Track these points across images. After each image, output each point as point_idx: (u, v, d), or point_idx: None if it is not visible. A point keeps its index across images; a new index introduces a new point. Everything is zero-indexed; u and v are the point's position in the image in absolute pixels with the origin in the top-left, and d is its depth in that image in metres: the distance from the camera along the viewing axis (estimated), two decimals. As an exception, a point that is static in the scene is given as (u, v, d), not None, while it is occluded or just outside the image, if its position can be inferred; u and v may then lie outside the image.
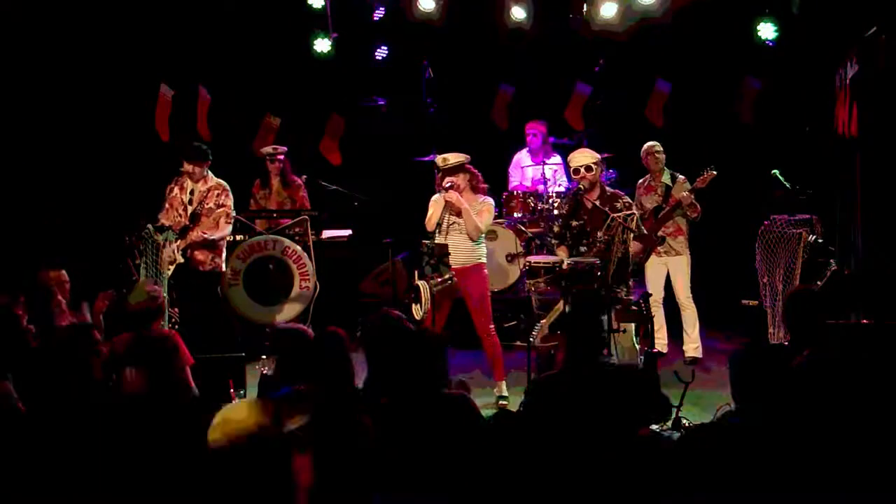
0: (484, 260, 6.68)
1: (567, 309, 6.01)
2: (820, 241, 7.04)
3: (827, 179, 8.17)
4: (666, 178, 7.55)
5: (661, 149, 7.61)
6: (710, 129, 8.59)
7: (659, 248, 7.50)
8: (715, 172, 7.27)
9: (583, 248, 6.45)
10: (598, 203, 6.38)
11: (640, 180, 7.71)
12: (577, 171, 6.47)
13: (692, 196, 7.30)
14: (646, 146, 7.64)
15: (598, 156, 6.61)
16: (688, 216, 7.45)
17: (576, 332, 4.45)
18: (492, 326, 6.66)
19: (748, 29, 8.32)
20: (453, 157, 6.56)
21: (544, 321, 6.34)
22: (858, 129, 7.74)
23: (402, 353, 4.00)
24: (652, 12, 8.37)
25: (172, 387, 4.94)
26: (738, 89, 8.98)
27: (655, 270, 7.58)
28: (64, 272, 5.94)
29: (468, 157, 6.61)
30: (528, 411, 4.27)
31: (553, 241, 6.81)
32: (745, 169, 8.20)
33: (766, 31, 8.25)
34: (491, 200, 6.66)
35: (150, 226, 7.16)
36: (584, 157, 6.53)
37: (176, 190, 7.30)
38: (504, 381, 6.64)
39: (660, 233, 7.48)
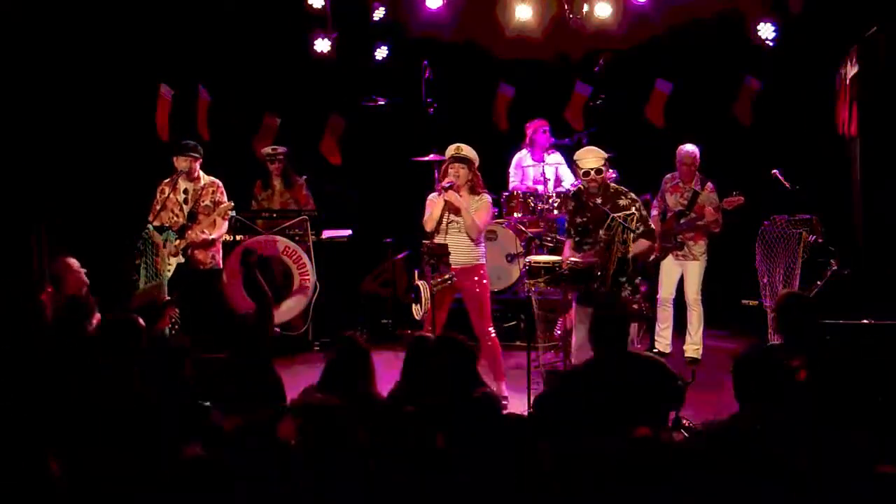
0: (484, 260, 6.67)
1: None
2: (820, 241, 7.04)
3: (827, 179, 8.18)
4: (696, 184, 7.51)
5: (693, 159, 7.47)
6: (711, 129, 8.57)
7: (677, 251, 7.51)
8: (743, 199, 7.24)
9: (586, 247, 6.43)
10: (599, 202, 6.36)
11: (669, 175, 7.63)
12: (587, 173, 6.41)
13: (717, 214, 7.28)
14: (681, 153, 7.51)
15: (605, 154, 6.53)
16: (710, 229, 7.43)
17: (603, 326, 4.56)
18: (491, 328, 6.65)
19: (748, 29, 8.32)
20: (467, 150, 6.56)
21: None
22: (858, 129, 7.75)
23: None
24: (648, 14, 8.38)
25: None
26: (738, 90, 8.96)
27: (670, 270, 7.57)
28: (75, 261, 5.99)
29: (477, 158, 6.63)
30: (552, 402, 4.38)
31: (563, 237, 6.77)
32: (746, 169, 8.20)
33: (766, 31, 8.24)
34: (489, 197, 6.65)
35: (150, 226, 7.18)
36: (593, 159, 6.44)
37: (168, 191, 7.31)
38: (504, 382, 6.63)
39: (679, 238, 7.47)
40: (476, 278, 6.55)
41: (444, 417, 3.93)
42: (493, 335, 6.62)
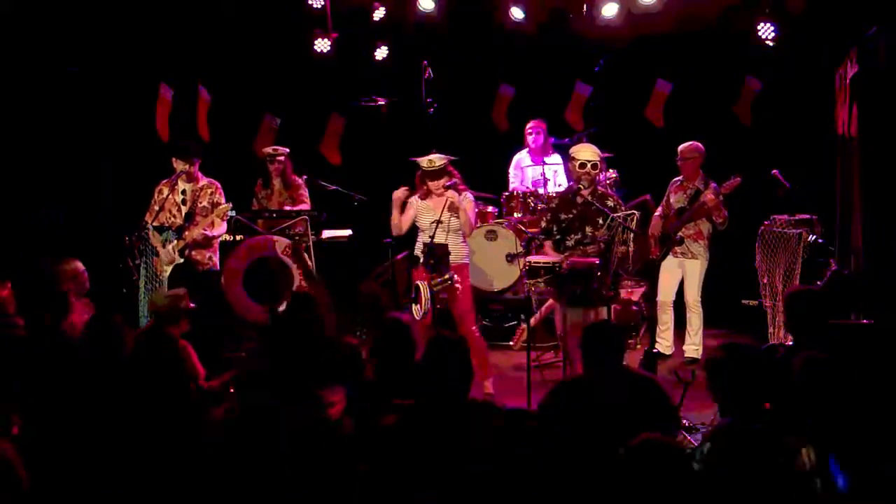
0: (468, 259, 6.69)
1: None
2: (820, 241, 7.03)
3: (827, 179, 8.18)
4: (699, 182, 7.50)
5: (694, 154, 7.48)
6: (711, 129, 8.58)
7: (677, 248, 7.47)
8: (739, 179, 7.22)
9: (569, 243, 6.41)
10: (589, 198, 6.36)
11: (675, 178, 7.66)
12: (583, 165, 6.42)
13: (718, 199, 7.25)
14: (681, 149, 7.52)
15: (600, 154, 6.56)
16: (714, 221, 7.41)
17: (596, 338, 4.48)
18: (475, 327, 6.64)
19: (748, 29, 8.31)
20: (439, 160, 6.57)
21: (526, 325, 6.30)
22: (858, 129, 7.74)
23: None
24: (652, 11, 8.36)
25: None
26: (739, 90, 8.96)
27: (670, 270, 7.53)
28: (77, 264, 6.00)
29: (451, 157, 6.62)
30: (546, 412, 4.33)
31: (540, 237, 6.76)
32: (745, 169, 8.19)
33: (766, 31, 8.23)
34: (470, 195, 6.68)
35: (149, 226, 7.18)
36: (590, 152, 6.47)
37: (166, 191, 7.31)
38: (490, 379, 6.63)
39: (680, 233, 7.45)
40: (460, 277, 6.57)
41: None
42: (478, 333, 6.65)
